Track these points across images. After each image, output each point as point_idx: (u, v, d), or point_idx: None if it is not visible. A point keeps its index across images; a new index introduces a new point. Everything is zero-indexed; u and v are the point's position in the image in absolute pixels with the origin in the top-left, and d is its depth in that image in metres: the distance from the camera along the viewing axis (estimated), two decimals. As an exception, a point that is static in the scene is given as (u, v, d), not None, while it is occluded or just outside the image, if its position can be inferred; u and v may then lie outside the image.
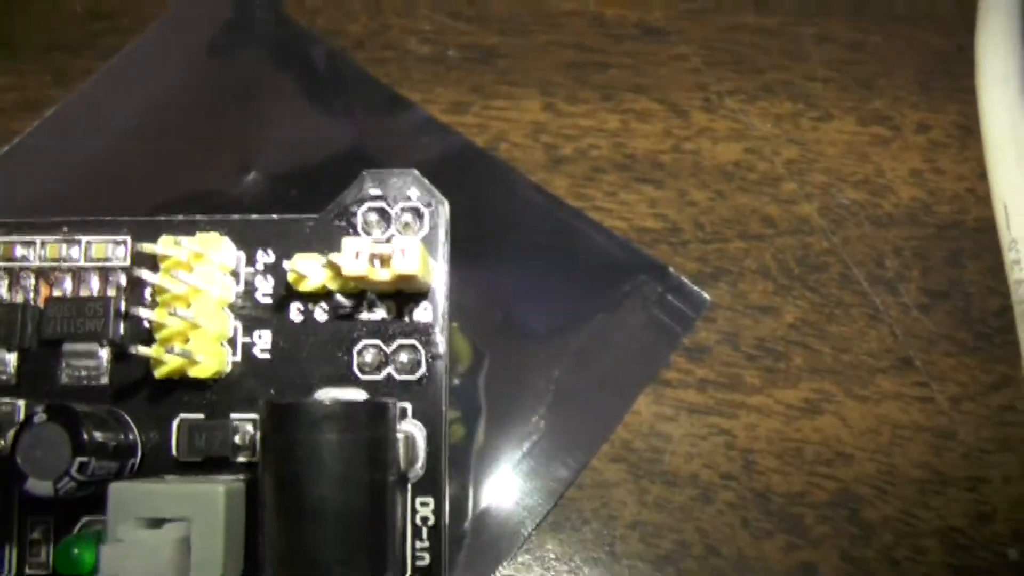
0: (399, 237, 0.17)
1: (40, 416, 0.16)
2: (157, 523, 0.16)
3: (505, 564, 0.19)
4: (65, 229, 0.18)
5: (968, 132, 0.22)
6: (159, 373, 0.18)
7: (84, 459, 0.16)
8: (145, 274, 0.17)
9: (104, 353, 0.18)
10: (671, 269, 0.21)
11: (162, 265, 0.18)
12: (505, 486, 0.19)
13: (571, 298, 0.20)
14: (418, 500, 0.18)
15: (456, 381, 0.20)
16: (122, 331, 0.18)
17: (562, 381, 0.20)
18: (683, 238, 0.21)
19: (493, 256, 0.20)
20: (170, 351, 0.17)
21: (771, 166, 0.22)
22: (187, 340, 0.18)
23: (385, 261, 0.17)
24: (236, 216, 0.18)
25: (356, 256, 0.17)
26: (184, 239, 0.17)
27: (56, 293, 0.18)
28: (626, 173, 0.22)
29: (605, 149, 0.22)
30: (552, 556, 0.19)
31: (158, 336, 0.17)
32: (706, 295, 0.20)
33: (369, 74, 0.21)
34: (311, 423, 0.16)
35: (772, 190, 0.21)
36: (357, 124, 0.21)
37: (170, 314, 0.17)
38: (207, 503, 0.16)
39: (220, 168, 0.21)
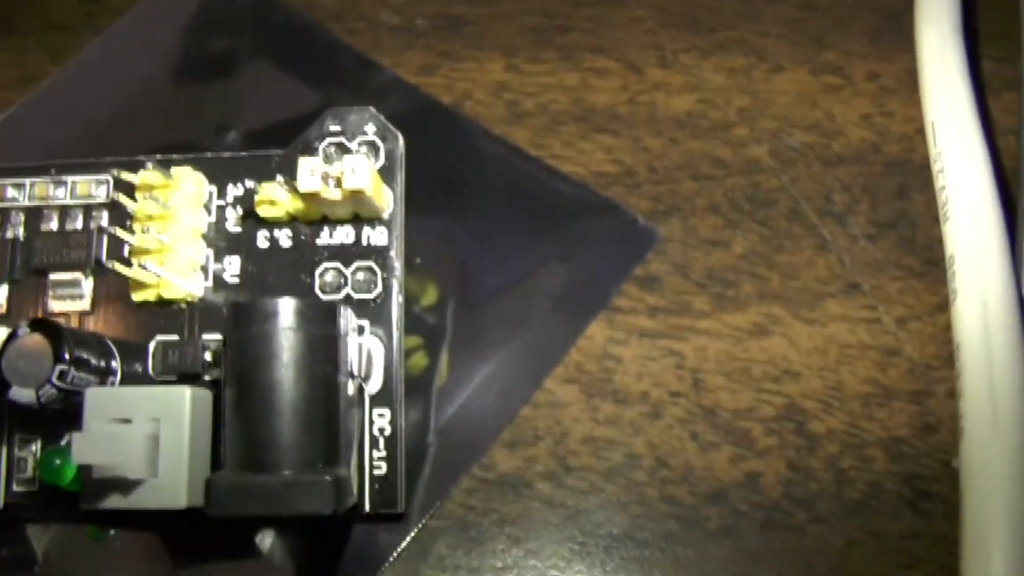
0: (349, 156, 0.24)
1: (24, 330, 0.23)
2: (129, 422, 0.23)
3: (464, 476, 0.25)
4: (52, 171, 0.26)
5: (917, 80, 0.28)
6: (136, 296, 0.24)
7: (64, 368, 0.23)
8: (123, 199, 0.24)
9: (87, 282, 0.25)
10: (624, 207, 0.27)
11: (139, 194, 0.25)
12: (465, 406, 0.25)
13: (528, 236, 0.27)
14: (375, 411, 0.24)
15: (419, 312, 0.26)
16: (104, 260, 0.25)
17: (518, 311, 0.26)
18: (637, 180, 0.28)
19: (455, 201, 0.27)
20: (145, 267, 0.24)
21: (723, 114, 0.28)
22: (162, 263, 0.24)
23: (337, 180, 0.23)
24: (208, 154, 0.25)
25: (311, 174, 0.23)
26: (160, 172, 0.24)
27: (43, 229, 0.25)
28: (584, 124, 0.28)
29: (564, 104, 0.29)
30: (508, 470, 0.25)
31: (135, 259, 0.24)
32: (658, 230, 0.27)
33: (341, 40, 0.29)
34: (265, 318, 0.22)
35: (724, 135, 0.28)
36: (328, 87, 0.28)
37: (143, 232, 0.24)
38: (174, 404, 0.22)
39: (201, 129, 0.28)
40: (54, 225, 0.25)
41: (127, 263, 0.23)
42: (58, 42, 0.29)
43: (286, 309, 0.21)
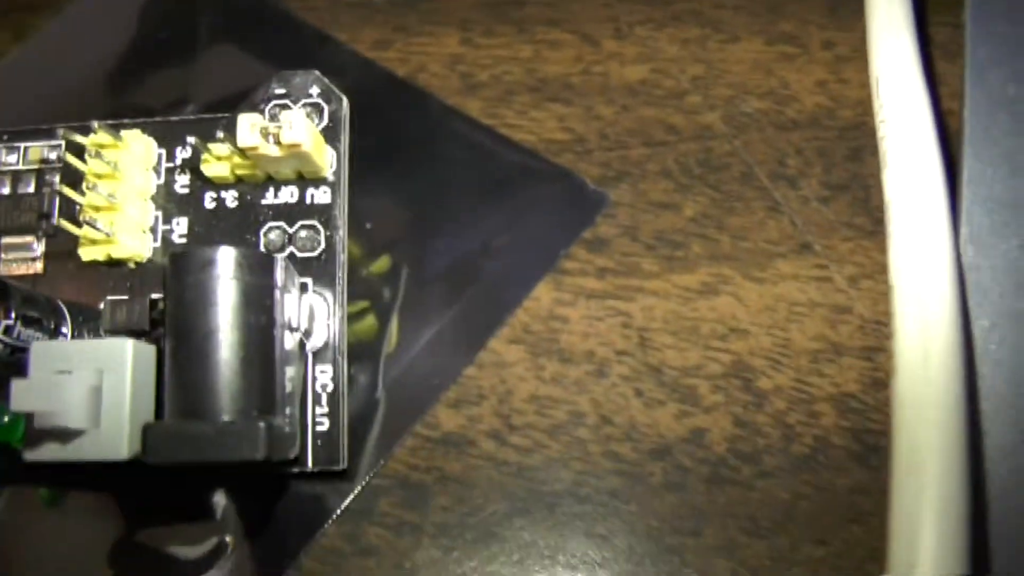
0: (287, 112, 0.25)
1: None
2: (70, 374, 0.23)
3: (408, 435, 0.25)
4: (4, 137, 0.27)
5: (871, 44, 0.29)
6: (85, 255, 0.25)
7: (10, 323, 0.24)
8: (72, 159, 0.25)
9: (39, 245, 0.26)
10: (573, 172, 0.28)
11: (88, 157, 0.25)
12: (411, 366, 0.26)
13: (479, 202, 0.27)
14: (318, 368, 0.25)
15: (370, 278, 0.27)
16: (55, 226, 0.26)
17: (466, 274, 0.27)
18: (588, 147, 0.28)
19: (407, 168, 0.28)
20: (92, 225, 0.25)
21: (676, 83, 0.29)
22: (111, 223, 0.25)
23: (276, 137, 0.24)
24: (158, 118, 0.26)
25: (251, 129, 0.24)
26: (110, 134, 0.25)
27: None
28: (537, 94, 0.29)
29: (518, 75, 0.29)
30: (452, 428, 0.25)
31: (83, 217, 0.25)
32: (608, 194, 0.28)
33: (298, 17, 0.30)
34: (202, 266, 0.23)
35: (677, 103, 0.29)
36: (284, 62, 0.29)
37: (88, 188, 0.25)
38: (116, 355, 0.23)
39: (158, 103, 0.29)
40: (6, 190, 0.26)
41: (77, 224, 0.24)
42: (23, 21, 0.30)
43: (223, 257, 0.22)
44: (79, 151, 0.25)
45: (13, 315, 0.23)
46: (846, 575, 0.23)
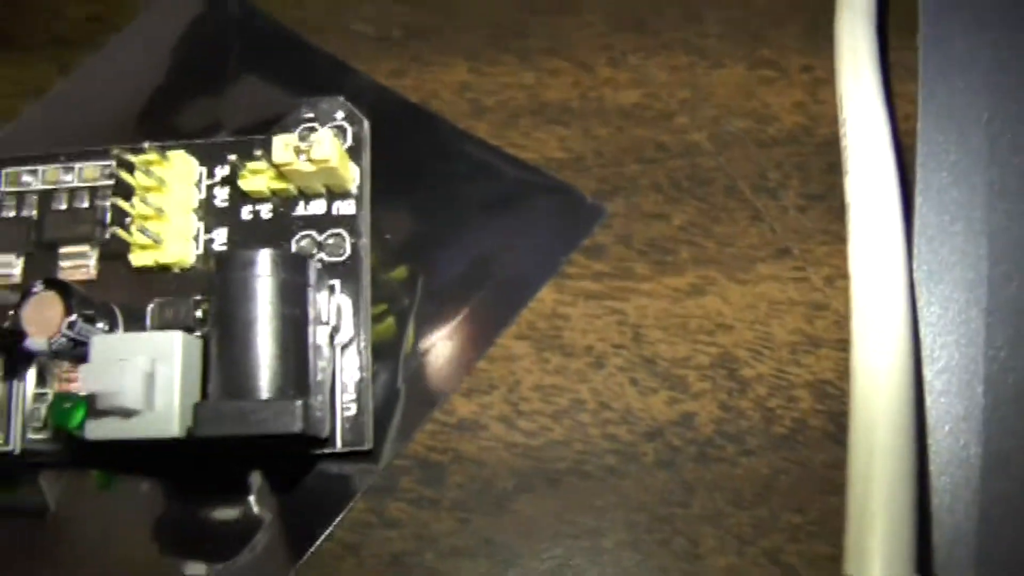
0: (317, 132, 0.29)
1: (39, 286, 0.28)
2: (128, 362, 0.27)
3: (427, 421, 0.29)
4: (62, 158, 0.30)
5: (843, 69, 0.33)
6: (136, 260, 0.29)
7: (73, 319, 0.27)
8: (123, 174, 0.29)
9: (93, 253, 0.30)
10: (573, 187, 0.32)
11: (138, 172, 0.29)
12: (429, 361, 0.30)
13: (488, 215, 0.31)
14: (345, 359, 0.28)
15: (390, 282, 0.31)
16: (107, 235, 0.30)
17: (477, 279, 0.30)
18: (586, 164, 0.32)
19: (422, 184, 0.32)
20: (143, 231, 0.28)
21: (666, 105, 0.33)
22: (159, 233, 0.29)
23: (308, 154, 0.28)
24: (199, 140, 0.30)
25: (284, 148, 0.28)
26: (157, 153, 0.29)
27: (54, 208, 0.30)
28: (539, 117, 0.33)
29: (521, 100, 0.33)
30: (466, 415, 0.29)
31: (133, 226, 0.29)
32: (605, 206, 0.31)
33: (321, 48, 0.34)
34: (244, 265, 0.26)
35: (666, 124, 0.32)
36: (308, 90, 0.33)
37: (139, 200, 0.28)
38: (168, 346, 0.27)
39: (193, 129, 0.33)
40: (63, 205, 0.29)
41: (128, 232, 0.28)
42: (64, 56, 0.34)
43: (262, 258, 0.26)
44: (129, 169, 0.28)
45: (75, 309, 0.26)
46: (823, 540, 0.27)
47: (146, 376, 0.25)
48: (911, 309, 0.25)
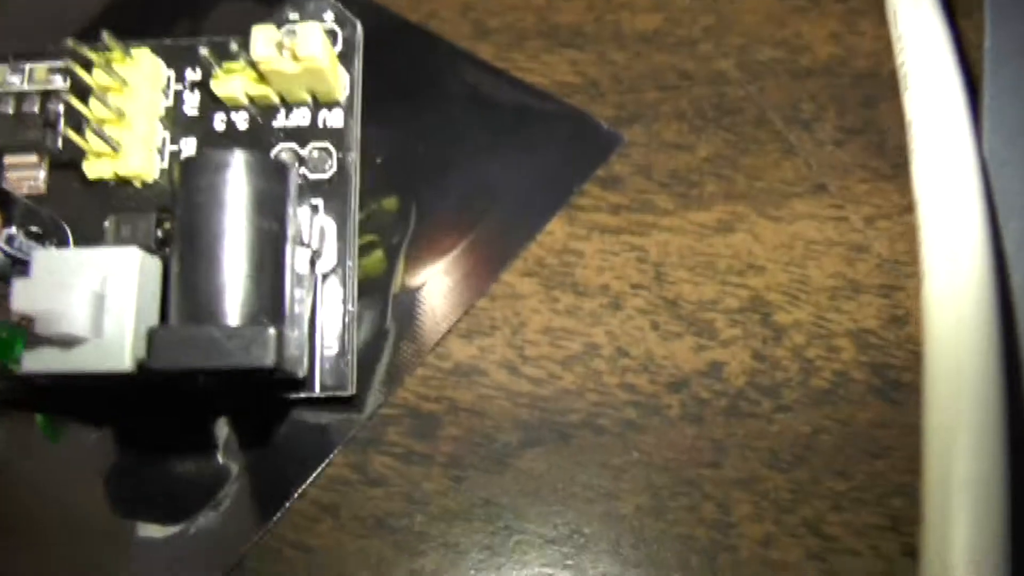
0: (302, 25, 0.24)
1: None
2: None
3: (421, 363, 0.25)
4: (9, 57, 0.26)
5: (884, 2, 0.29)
6: (91, 171, 0.24)
7: (12, 232, 0.23)
8: (80, 71, 0.24)
9: (42, 164, 0.25)
10: (587, 112, 0.27)
11: (98, 66, 0.25)
12: (421, 297, 0.25)
13: (490, 141, 0.27)
14: (328, 290, 0.24)
15: (378, 209, 0.26)
16: (59, 142, 0.25)
17: (478, 209, 0.26)
18: (601, 90, 0.28)
19: (417, 107, 0.27)
20: (99, 134, 0.24)
21: (689, 31, 0.29)
22: (118, 140, 0.24)
23: (292, 53, 0.24)
24: (168, 40, 0.26)
25: (266, 41, 0.24)
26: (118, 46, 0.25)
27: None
28: (549, 40, 0.29)
29: (529, 22, 0.29)
30: (463, 359, 0.25)
31: (89, 127, 0.24)
32: (622, 134, 0.27)
33: None
34: (215, 168, 0.22)
35: (689, 50, 0.28)
36: (300, 9, 0.29)
37: (96, 99, 0.24)
38: (123, 264, 0.22)
39: (167, 33, 0.28)
40: (10, 110, 0.25)
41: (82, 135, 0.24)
42: None
43: (236, 160, 0.22)
44: (87, 67, 0.24)
45: (14, 225, 0.22)
46: (870, 508, 0.23)
47: (95, 297, 0.21)
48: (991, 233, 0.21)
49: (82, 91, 0.24)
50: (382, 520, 0.23)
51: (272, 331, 0.20)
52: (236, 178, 0.21)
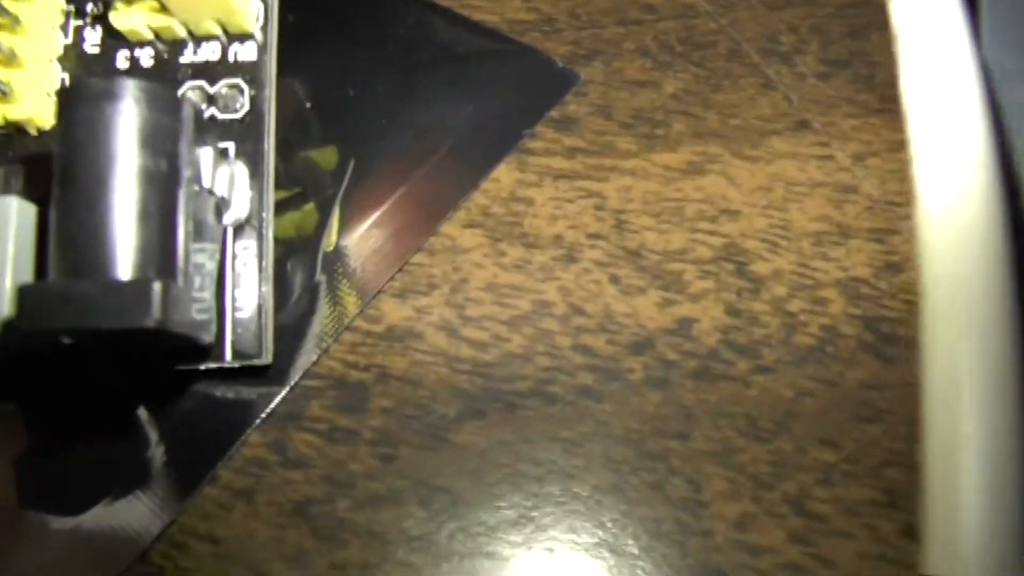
0: None
1: None
2: None
3: (348, 327, 0.20)
4: None
5: (870, -80, 0.25)
6: None
7: None
8: None
9: None
10: (540, 50, 0.23)
11: None
12: (350, 252, 0.21)
13: (432, 82, 0.23)
14: (239, 244, 0.20)
15: (305, 158, 0.22)
16: None
17: (417, 156, 0.22)
18: (556, 27, 0.24)
19: (351, 47, 0.23)
20: None
21: None
22: (9, 83, 0.20)
23: None
24: None
25: None
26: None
27: None
28: None
29: None
30: (397, 321, 0.21)
31: None
32: (578, 72, 0.23)
33: None
34: (96, 98, 0.18)
35: None
36: None
37: None
38: None
39: None
40: None
41: None
42: None
43: (120, 89, 0.17)
44: None
45: None
46: (861, 482, 0.18)
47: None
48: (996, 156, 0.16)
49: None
50: (302, 506, 0.19)
51: (157, 285, 0.16)
52: (118, 110, 0.17)
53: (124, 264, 0.17)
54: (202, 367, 0.19)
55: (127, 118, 0.18)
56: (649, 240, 0.21)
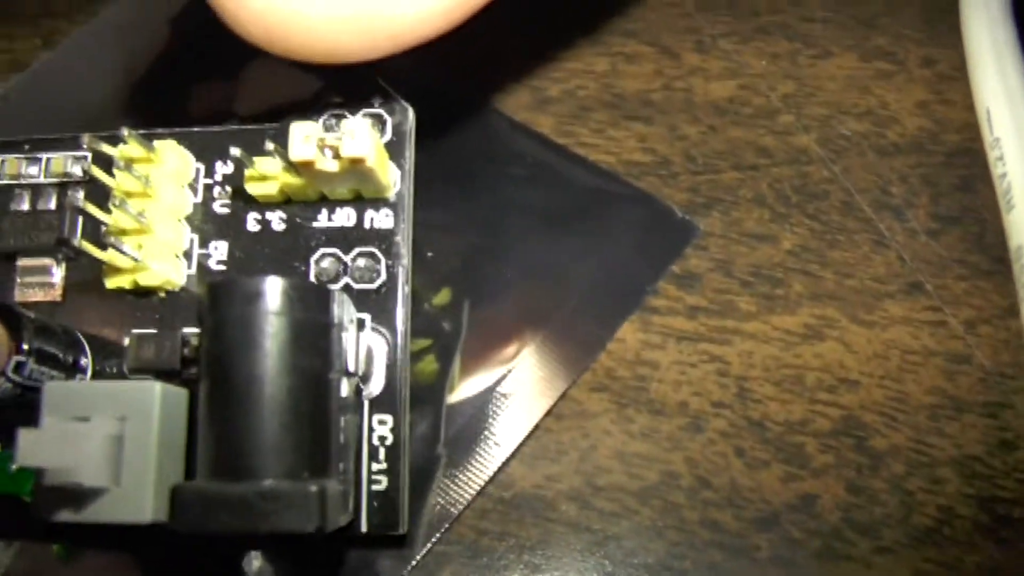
0: (349, 120, 0.19)
1: None
2: (88, 420, 0.18)
3: (477, 495, 0.20)
4: (26, 147, 0.21)
5: (975, 64, 0.23)
6: (110, 283, 0.20)
7: (22, 359, 0.18)
8: (98, 172, 0.19)
9: (58, 268, 0.20)
10: (659, 198, 0.22)
11: (117, 171, 0.20)
12: (479, 416, 0.20)
13: (552, 230, 0.22)
14: (376, 418, 0.19)
15: (430, 311, 0.21)
16: (77, 244, 0.20)
17: (540, 312, 0.21)
18: (673, 170, 0.23)
19: (472, 191, 0.22)
20: (118, 248, 0.19)
21: (766, 100, 0.23)
22: (140, 246, 0.19)
23: (335, 150, 0.19)
24: (196, 128, 0.21)
25: (304, 140, 0.19)
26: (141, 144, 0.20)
27: (13, 208, 0.21)
28: (614, 111, 0.24)
29: (593, 90, 0.24)
30: (527, 488, 0.20)
31: (109, 239, 0.19)
32: (697, 223, 0.22)
33: None
34: (247, 298, 0.17)
35: (768, 123, 0.23)
36: (339, 71, 0.23)
37: (115, 207, 0.19)
38: (142, 400, 0.18)
39: (199, 112, 0.23)
40: (25, 205, 0.20)
41: (101, 247, 0.18)
42: (54, 28, 0.25)
43: (271, 289, 0.17)
44: (107, 164, 0.19)
45: (26, 348, 0.17)
46: (978, 667, 0.18)
47: (111, 441, 0.17)
48: None
49: (102, 192, 0.19)
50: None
51: (314, 490, 0.16)
52: (271, 310, 0.17)
53: (279, 467, 0.17)
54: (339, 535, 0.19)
55: (278, 319, 0.17)
56: (772, 410, 0.20)
